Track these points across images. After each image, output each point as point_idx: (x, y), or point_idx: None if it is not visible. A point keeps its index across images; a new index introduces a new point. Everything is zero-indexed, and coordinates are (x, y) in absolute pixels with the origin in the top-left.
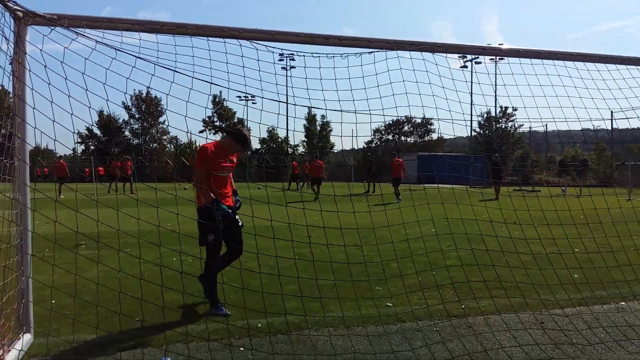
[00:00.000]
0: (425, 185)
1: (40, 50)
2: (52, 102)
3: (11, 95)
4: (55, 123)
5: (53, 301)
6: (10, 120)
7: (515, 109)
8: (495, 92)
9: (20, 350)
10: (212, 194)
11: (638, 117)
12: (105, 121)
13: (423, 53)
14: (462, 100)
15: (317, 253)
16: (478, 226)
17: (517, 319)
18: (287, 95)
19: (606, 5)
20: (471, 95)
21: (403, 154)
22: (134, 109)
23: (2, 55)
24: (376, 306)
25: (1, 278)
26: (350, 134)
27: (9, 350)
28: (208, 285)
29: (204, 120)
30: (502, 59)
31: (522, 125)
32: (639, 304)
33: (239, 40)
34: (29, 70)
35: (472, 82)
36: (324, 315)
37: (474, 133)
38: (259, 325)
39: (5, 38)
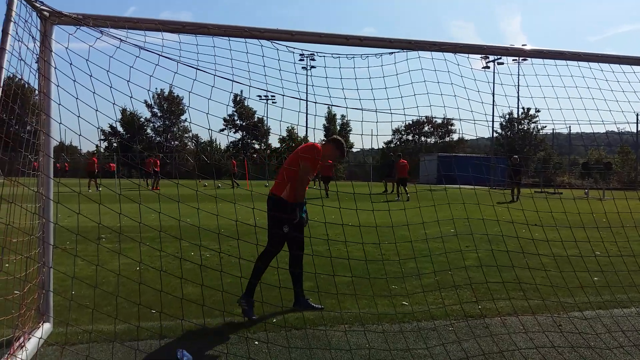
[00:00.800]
0: (446, 185)
1: (66, 48)
2: (77, 98)
3: (37, 92)
4: (80, 119)
5: (73, 292)
6: (35, 117)
7: (538, 111)
8: (518, 93)
9: (40, 338)
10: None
11: None
12: (128, 119)
13: (444, 53)
14: (484, 101)
15: (335, 251)
16: (499, 227)
17: (534, 321)
18: (307, 93)
19: (626, 7)
20: (493, 96)
21: (423, 154)
22: (156, 107)
23: (28, 53)
24: (392, 304)
25: (23, 269)
26: (369, 134)
27: (29, 338)
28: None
29: (224, 119)
30: (525, 59)
31: (545, 127)
32: None
33: (259, 40)
34: (55, 68)
35: (494, 82)
36: (339, 312)
37: (495, 134)
38: (275, 320)
39: (32, 37)
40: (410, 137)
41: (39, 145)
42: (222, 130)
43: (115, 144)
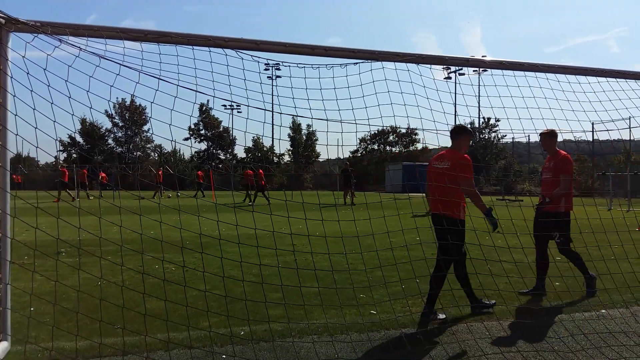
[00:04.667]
0: (410, 194)
1: (23, 57)
2: (34, 109)
3: None
4: (37, 130)
5: (32, 308)
6: None
7: (498, 120)
8: (479, 103)
9: None
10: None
11: (618, 129)
12: (88, 129)
13: (407, 64)
14: (446, 110)
15: (302, 261)
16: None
17: (499, 327)
18: (272, 104)
19: (583, 19)
20: (455, 106)
21: (388, 163)
22: (117, 117)
23: None
24: (360, 314)
25: None
26: (335, 143)
27: None
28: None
29: (189, 128)
30: (485, 70)
31: (505, 136)
32: (618, 312)
33: (224, 49)
34: (11, 77)
35: (455, 93)
36: (307, 323)
37: None
38: (242, 332)
39: None
40: (375, 147)
41: None
42: (187, 139)
43: (74, 155)
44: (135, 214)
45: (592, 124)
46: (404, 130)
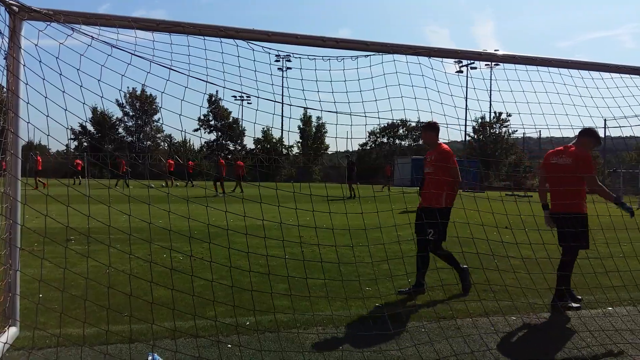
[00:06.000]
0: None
1: (36, 45)
2: (46, 97)
3: (5, 90)
4: (49, 118)
5: (41, 295)
6: (3, 115)
7: (509, 115)
8: (490, 97)
9: (6, 343)
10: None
11: (630, 126)
12: (99, 118)
13: (419, 57)
14: (457, 104)
15: (308, 253)
16: (470, 229)
17: (505, 322)
18: (282, 95)
19: (597, 14)
20: (466, 100)
21: (397, 156)
22: (128, 107)
23: None
24: (365, 306)
25: None
26: (345, 136)
27: None
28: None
29: (199, 119)
30: (497, 64)
31: (516, 131)
32: (625, 309)
33: (235, 40)
34: (24, 65)
35: (467, 87)
36: (312, 314)
37: (468, 138)
38: (248, 323)
39: (0, 32)
40: (385, 140)
41: (7, 145)
42: (196, 130)
43: (85, 144)
44: (144, 203)
45: (605, 120)
46: (414, 124)
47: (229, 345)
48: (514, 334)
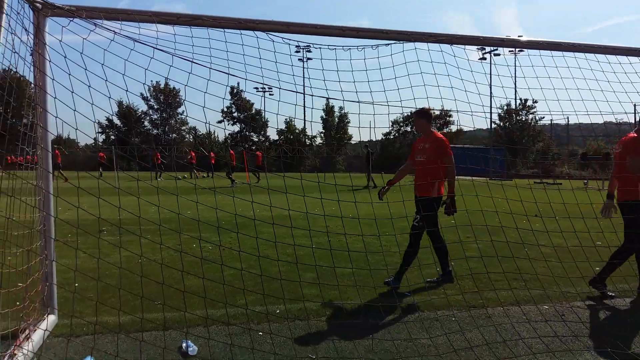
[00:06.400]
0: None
1: (60, 41)
2: (72, 92)
3: (32, 85)
4: (76, 112)
5: (76, 284)
6: (32, 110)
7: (535, 101)
8: (515, 84)
9: (45, 330)
10: None
11: None
12: (125, 111)
13: (441, 45)
14: (481, 92)
15: (335, 242)
16: (498, 218)
17: (537, 311)
18: (304, 86)
19: None
20: (490, 87)
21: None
22: (152, 100)
23: (22, 46)
24: (394, 295)
25: (25, 261)
26: (367, 126)
27: (35, 330)
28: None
29: (222, 111)
30: (521, 50)
31: (543, 117)
32: None
33: (255, 31)
34: (49, 61)
35: (491, 74)
36: (342, 303)
37: (493, 125)
38: (277, 311)
39: (25, 29)
40: (408, 129)
41: (36, 139)
42: (220, 122)
43: (112, 137)
44: (172, 195)
45: (635, 105)
46: (437, 112)
47: (260, 333)
48: (546, 323)
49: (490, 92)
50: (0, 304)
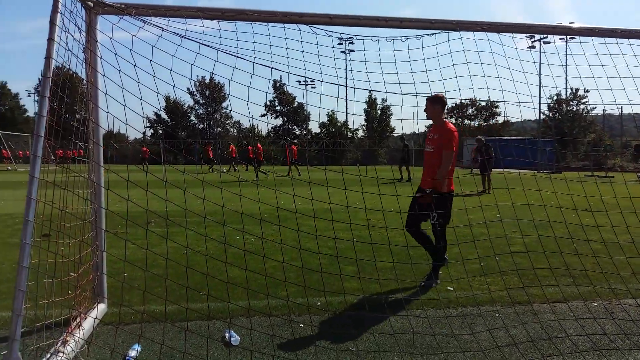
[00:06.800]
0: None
1: (111, 38)
2: (122, 87)
3: (84, 82)
4: (126, 108)
5: (125, 274)
6: (84, 106)
7: (587, 91)
8: (566, 72)
9: (96, 318)
10: None
11: None
12: (172, 106)
13: (488, 34)
14: (529, 81)
15: (376, 235)
16: (546, 212)
17: (585, 308)
18: (345, 78)
19: None
20: (539, 77)
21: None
22: (198, 95)
23: (75, 43)
24: (437, 290)
25: (77, 252)
26: (410, 118)
27: (86, 318)
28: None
29: (265, 105)
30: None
31: (595, 107)
32: None
33: (298, 25)
34: (101, 58)
35: (540, 62)
36: (382, 296)
37: (542, 116)
38: (318, 303)
39: (78, 27)
40: (453, 120)
41: (88, 134)
42: (263, 115)
43: (160, 131)
44: (216, 187)
45: None
46: (483, 103)
47: (301, 325)
48: (594, 320)
49: (540, 81)
50: (54, 293)
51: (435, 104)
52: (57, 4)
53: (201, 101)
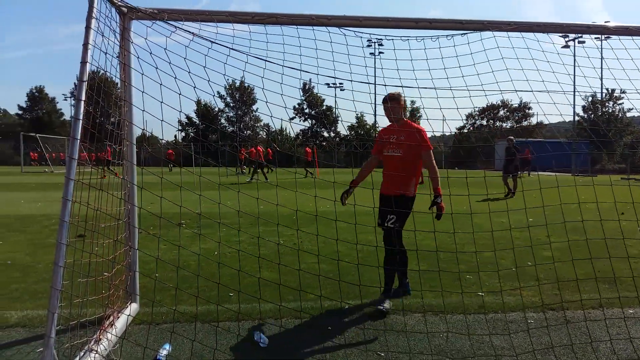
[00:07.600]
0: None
1: (145, 39)
2: (160, 85)
3: (119, 85)
4: (160, 110)
5: (157, 274)
6: (118, 109)
7: (623, 92)
8: (602, 73)
9: (129, 316)
10: None
11: None
12: (203, 110)
13: (522, 33)
14: (563, 82)
15: (405, 239)
16: (581, 216)
17: (621, 314)
18: (375, 79)
19: None
20: (574, 77)
21: (498, 139)
22: (228, 98)
23: (110, 48)
24: (467, 295)
25: (111, 251)
26: (440, 118)
27: (119, 317)
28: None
29: (294, 107)
30: (608, 37)
31: (632, 109)
32: None
33: (327, 27)
34: (137, 57)
35: (574, 63)
36: (413, 300)
37: (577, 118)
38: (347, 307)
39: (113, 32)
40: (484, 122)
41: (123, 136)
42: (292, 119)
43: (192, 134)
44: (248, 190)
45: None
46: (515, 105)
47: (329, 327)
48: (629, 327)
49: (574, 82)
50: (88, 292)
51: (394, 102)
52: (92, 10)
53: (231, 104)
